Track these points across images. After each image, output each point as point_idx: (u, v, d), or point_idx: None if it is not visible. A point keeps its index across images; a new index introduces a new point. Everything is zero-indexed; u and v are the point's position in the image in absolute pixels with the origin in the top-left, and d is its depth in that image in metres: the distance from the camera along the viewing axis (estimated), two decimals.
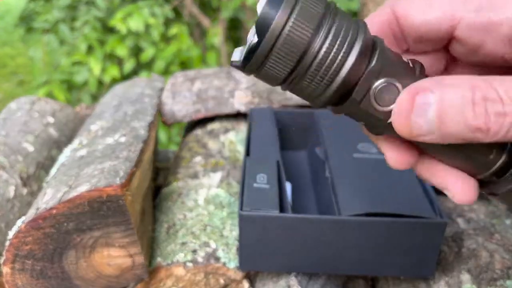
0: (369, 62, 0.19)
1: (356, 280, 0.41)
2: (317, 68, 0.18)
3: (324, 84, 0.19)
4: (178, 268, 0.38)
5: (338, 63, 0.18)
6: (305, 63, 0.18)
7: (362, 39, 0.19)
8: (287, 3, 0.18)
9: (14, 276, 0.35)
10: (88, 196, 0.33)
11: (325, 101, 0.20)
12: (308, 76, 0.19)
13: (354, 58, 0.18)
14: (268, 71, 0.19)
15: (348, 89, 0.19)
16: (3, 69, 2.95)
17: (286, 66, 0.19)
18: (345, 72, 0.19)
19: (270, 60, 0.18)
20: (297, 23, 0.18)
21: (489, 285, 0.35)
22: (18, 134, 0.52)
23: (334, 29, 0.18)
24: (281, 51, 0.18)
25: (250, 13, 1.85)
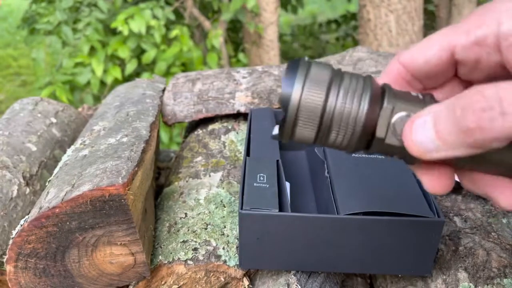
0: (381, 105, 0.22)
1: (355, 278, 0.41)
2: (337, 123, 0.22)
3: (348, 135, 0.22)
4: (179, 266, 0.39)
5: (354, 114, 0.22)
6: (326, 123, 0.22)
7: (370, 89, 0.22)
8: (298, 79, 0.22)
9: (17, 275, 0.35)
10: (91, 195, 0.33)
11: (355, 148, 0.23)
12: (332, 132, 0.22)
13: (367, 106, 0.22)
14: (299, 136, 0.23)
15: (371, 132, 0.22)
16: (6, 70, 2.97)
17: (311, 129, 0.22)
18: (362, 119, 0.22)
19: (298, 128, 0.22)
20: (310, 93, 0.21)
21: (486, 283, 0.36)
22: (21, 134, 0.53)
23: (343, 88, 0.22)
24: (303, 119, 0.22)
25: (250, 15, 1.85)
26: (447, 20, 2.08)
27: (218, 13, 1.84)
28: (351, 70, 0.63)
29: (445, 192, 0.23)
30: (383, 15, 1.74)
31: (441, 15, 2.14)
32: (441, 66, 0.23)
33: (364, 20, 1.80)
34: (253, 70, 0.66)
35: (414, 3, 1.75)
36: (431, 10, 2.53)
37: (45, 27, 1.53)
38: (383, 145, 0.22)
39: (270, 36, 1.94)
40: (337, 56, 0.68)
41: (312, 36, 3.33)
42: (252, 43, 1.96)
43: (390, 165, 0.42)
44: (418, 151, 0.21)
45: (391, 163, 0.42)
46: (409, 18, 1.75)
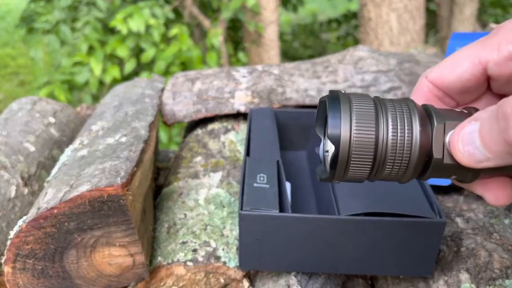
0: (431, 125, 0.21)
1: (356, 280, 0.41)
2: (392, 155, 0.21)
3: (404, 164, 0.21)
4: (178, 268, 0.39)
5: (408, 141, 0.21)
6: (380, 156, 0.21)
7: (417, 111, 0.21)
8: (344, 116, 0.20)
9: (15, 276, 0.35)
10: (89, 196, 0.33)
11: (411, 177, 0.22)
12: (387, 165, 0.21)
13: (419, 128, 0.21)
14: (352, 176, 0.22)
15: (426, 157, 0.21)
16: (4, 69, 2.96)
17: (366, 166, 0.21)
18: (417, 144, 0.21)
19: (350, 167, 0.21)
20: (359, 129, 0.20)
21: (488, 284, 0.35)
22: (19, 134, 0.52)
23: (390, 116, 0.21)
24: (356, 157, 0.21)
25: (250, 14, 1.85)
26: (448, 19, 2.08)
27: (218, 12, 1.83)
28: (352, 69, 0.63)
29: (509, 202, 0.23)
30: (384, 14, 1.73)
31: (443, 14, 2.14)
32: (473, 81, 0.23)
33: (365, 19, 1.79)
34: (253, 70, 0.66)
35: (416, 2, 1.75)
36: (432, 9, 2.53)
37: (43, 26, 1.52)
38: (441, 166, 0.21)
39: (270, 35, 1.94)
40: (338, 55, 0.67)
41: (312, 35, 3.32)
42: (252, 42, 1.96)
43: None
44: (468, 162, 0.21)
45: None
46: (410, 17, 1.74)
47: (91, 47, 1.50)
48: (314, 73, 0.63)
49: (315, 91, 0.61)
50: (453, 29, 2.01)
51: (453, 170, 0.22)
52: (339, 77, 0.62)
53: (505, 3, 2.62)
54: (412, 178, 0.22)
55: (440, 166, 0.21)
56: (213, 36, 1.63)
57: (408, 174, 0.22)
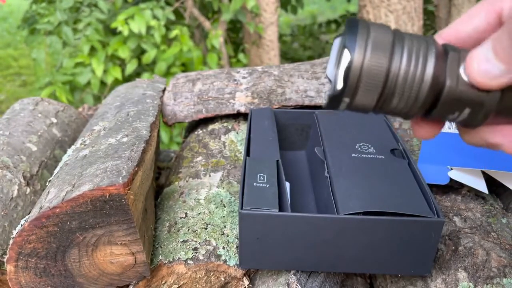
0: (446, 57, 0.21)
1: (355, 278, 0.41)
2: (401, 87, 0.20)
3: (413, 97, 0.21)
4: (179, 266, 0.39)
5: (420, 74, 0.20)
6: (389, 88, 0.20)
7: (434, 47, 0.21)
8: (359, 42, 0.20)
9: (18, 274, 0.35)
10: (91, 195, 0.33)
11: (417, 111, 0.21)
12: (395, 97, 0.21)
13: (433, 61, 0.20)
14: (358, 104, 0.21)
15: (438, 90, 0.21)
16: (6, 70, 2.97)
17: (373, 95, 0.21)
18: (429, 76, 0.20)
19: (358, 95, 0.21)
20: (373, 57, 0.20)
21: (485, 283, 0.36)
22: (21, 134, 0.53)
23: (406, 49, 0.20)
24: (365, 85, 0.20)
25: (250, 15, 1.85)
26: (447, 20, 2.08)
27: (218, 13, 1.84)
28: None
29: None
30: (383, 15, 1.74)
31: (441, 15, 2.14)
32: (489, 31, 0.22)
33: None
34: (253, 70, 0.66)
35: (414, 3, 1.75)
36: (430, 10, 2.53)
37: (45, 27, 1.53)
38: (454, 96, 0.21)
39: (270, 36, 1.94)
40: None
41: (312, 36, 3.32)
42: (252, 43, 1.96)
43: (390, 165, 0.42)
44: (484, 80, 0.20)
45: (391, 163, 0.42)
46: (408, 18, 1.75)
47: (92, 48, 1.50)
48: (313, 74, 0.63)
49: (314, 92, 0.62)
50: None
51: (465, 101, 0.21)
52: None
53: None
54: (420, 111, 0.22)
55: (452, 96, 0.21)
56: (213, 37, 1.64)
57: (415, 108, 0.21)
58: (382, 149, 0.44)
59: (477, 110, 0.21)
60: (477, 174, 0.44)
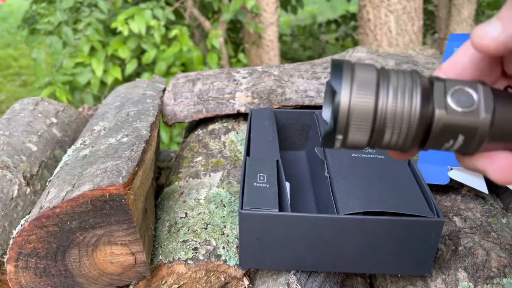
0: (432, 87, 0.22)
1: (355, 278, 0.41)
2: (391, 122, 0.21)
3: (404, 132, 0.21)
4: (179, 266, 0.39)
5: (408, 109, 0.21)
6: (379, 124, 0.21)
7: (420, 81, 0.21)
8: (345, 83, 0.21)
9: (18, 274, 0.35)
10: (91, 195, 0.33)
11: (411, 144, 0.22)
12: (387, 132, 0.22)
13: (420, 98, 0.21)
14: (352, 142, 0.22)
15: (427, 124, 0.21)
16: (6, 70, 2.97)
17: (365, 132, 0.22)
18: (417, 111, 0.21)
19: (350, 133, 0.22)
20: (359, 96, 0.21)
21: (485, 283, 0.36)
22: (21, 134, 0.53)
23: (392, 86, 0.21)
24: (355, 123, 0.21)
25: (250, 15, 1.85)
26: (447, 20, 2.08)
27: (218, 13, 1.84)
28: None
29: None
30: (382, 15, 1.74)
31: (441, 15, 2.14)
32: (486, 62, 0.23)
33: (364, 20, 1.80)
34: (253, 70, 0.66)
35: (414, 3, 1.76)
36: (430, 10, 2.54)
37: (45, 27, 1.53)
38: (444, 125, 0.21)
39: (270, 36, 1.94)
40: (337, 56, 0.68)
41: (312, 36, 3.33)
42: (252, 43, 1.97)
43: (390, 165, 0.42)
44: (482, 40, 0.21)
45: (391, 163, 0.42)
46: (408, 18, 1.75)
47: (92, 48, 1.50)
48: (313, 74, 0.63)
49: (314, 92, 0.62)
50: (451, 30, 2.01)
51: (457, 129, 0.21)
52: None
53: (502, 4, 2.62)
54: (414, 144, 0.22)
55: (443, 124, 0.21)
56: (213, 37, 1.64)
57: (408, 142, 0.22)
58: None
59: (471, 135, 0.21)
60: (477, 174, 0.45)
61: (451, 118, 0.21)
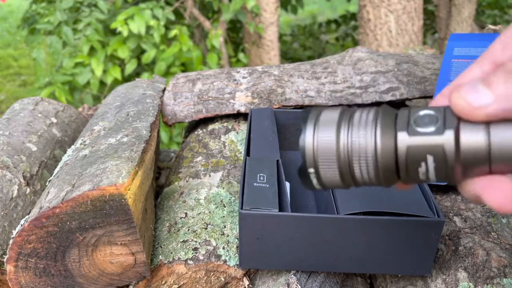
0: (396, 116, 0.22)
1: (355, 278, 0.41)
2: (356, 156, 0.22)
3: (371, 165, 0.22)
4: (179, 266, 0.39)
5: (370, 141, 0.21)
6: (344, 158, 0.22)
7: (382, 115, 0.22)
8: (309, 126, 0.23)
9: (18, 274, 0.35)
10: (91, 195, 0.33)
11: (385, 179, 0.22)
12: (355, 166, 0.22)
13: (380, 129, 0.21)
14: (326, 180, 0.23)
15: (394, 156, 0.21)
16: (6, 70, 2.97)
17: (334, 169, 0.22)
18: (379, 142, 0.21)
19: (321, 171, 0.23)
20: (321, 134, 0.22)
21: (485, 283, 0.36)
22: (21, 134, 0.53)
23: (354, 122, 0.22)
24: (322, 161, 0.22)
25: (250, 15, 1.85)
26: (447, 20, 2.08)
27: (218, 13, 1.84)
28: (351, 70, 0.63)
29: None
30: (383, 15, 1.74)
31: (441, 15, 2.14)
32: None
33: (364, 20, 1.80)
34: (253, 70, 0.66)
35: (414, 3, 1.76)
36: (431, 10, 2.54)
37: (45, 27, 1.53)
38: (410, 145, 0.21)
39: (270, 36, 1.94)
40: (337, 56, 0.68)
41: (312, 36, 3.32)
42: (252, 43, 1.97)
43: None
44: (471, 109, 0.20)
45: None
46: (408, 18, 1.75)
47: (92, 48, 1.50)
48: (313, 74, 0.63)
49: (314, 92, 0.62)
50: (451, 30, 2.02)
51: (423, 149, 0.21)
52: (338, 78, 0.62)
53: (503, 4, 2.63)
54: (392, 178, 0.22)
55: (407, 147, 0.21)
56: (213, 37, 1.64)
57: (380, 177, 0.22)
58: None
59: (440, 155, 0.21)
60: None
61: (414, 140, 0.21)
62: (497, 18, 2.59)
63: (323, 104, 0.61)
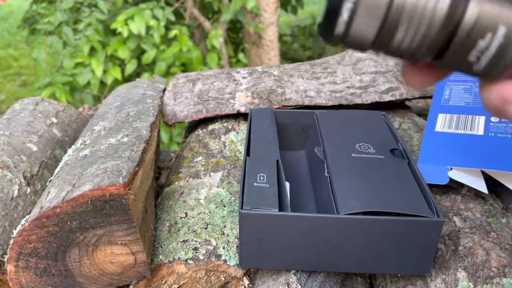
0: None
1: (354, 278, 0.41)
2: (408, 16, 0.17)
3: (422, 31, 0.17)
4: (179, 266, 0.39)
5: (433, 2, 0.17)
6: (393, 14, 0.17)
7: None
8: None
9: (18, 274, 0.35)
10: (91, 195, 0.33)
11: (427, 51, 0.18)
12: (400, 29, 0.17)
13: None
14: (355, 34, 0.18)
15: (454, 26, 0.17)
16: (6, 70, 2.97)
17: (373, 23, 0.17)
18: (446, 4, 0.17)
19: (355, 21, 0.17)
20: None
21: (485, 283, 0.36)
22: (22, 134, 0.53)
23: None
24: (364, 8, 0.17)
25: (250, 16, 1.86)
26: None
27: (218, 14, 1.84)
28: (351, 70, 0.63)
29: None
30: None
31: None
32: None
33: None
34: (253, 70, 0.67)
35: None
36: None
37: (45, 28, 1.53)
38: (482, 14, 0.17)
39: (270, 37, 1.95)
40: (337, 56, 0.68)
41: (312, 37, 3.33)
42: (252, 43, 1.97)
43: (390, 165, 0.42)
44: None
45: (391, 163, 0.42)
46: None
47: (92, 48, 1.50)
48: (313, 74, 0.63)
49: (314, 92, 0.62)
50: None
51: (498, 18, 0.17)
52: (338, 78, 0.63)
53: None
54: (430, 51, 0.18)
55: (478, 13, 0.17)
56: (213, 37, 1.64)
57: (425, 47, 0.18)
58: (382, 149, 0.44)
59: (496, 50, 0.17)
60: (477, 174, 0.45)
61: (488, 7, 0.17)
62: None
63: (323, 105, 0.61)
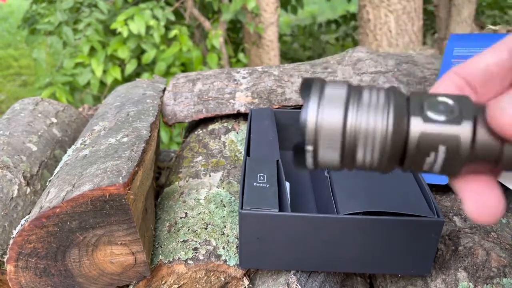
0: (409, 101, 0.20)
1: (355, 278, 0.41)
2: (363, 140, 0.20)
3: (377, 150, 0.20)
4: (179, 266, 0.39)
5: (380, 125, 0.20)
6: (350, 141, 0.20)
7: (394, 97, 0.20)
8: (312, 101, 0.20)
9: (18, 274, 0.35)
10: (91, 195, 0.33)
11: (387, 165, 0.21)
12: (359, 151, 0.20)
13: (393, 113, 0.20)
14: (323, 161, 0.21)
15: (403, 143, 0.20)
16: (6, 70, 2.97)
17: (335, 150, 0.20)
18: (391, 127, 0.19)
19: (320, 152, 0.21)
20: (326, 112, 0.20)
21: (485, 283, 0.36)
22: (21, 134, 0.53)
23: (363, 102, 0.20)
24: (324, 141, 0.20)
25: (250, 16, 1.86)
26: (446, 20, 2.08)
27: (218, 14, 1.84)
28: (351, 70, 0.63)
29: (494, 218, 0.19)
30: (382, 16, 1.74)
31: (441, 15, 2.15)
32: (502, 71, 0.21)
33: (364, 20, 1.80)
34: (253, 70, 0.67)
35: (414, 3, 1.76)
36: (430, 10, 2.54)
37: (45, 28, 1.53)
38: (423, 133, 0.19)
39: (270, 37, 1.95)
40: (337, 56, 0.68)
41: (312, 37, 3.33)
42: (252, 43, 1.97)
43: None
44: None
45: None
46: (408, 18, 1.75)
47: (92, 48, 1.50)
48: (313, 74, 0.63)
49: None
50: (451, 30, 2.02)
51: (437, 139, 0.19)
52: (338, 78, 0.63)
53: (502, 5, 2.63)
54: (392, 164, 0.20)
55: (420, 134, 0.19)
56: (213, 37, 1.64)
57: (384, 163, 0.20)
58: None
59: (454, 146, 0.19)
60: None
61: (429, 127, 0.19)
62: (497, 18, 2.59)
63: None
